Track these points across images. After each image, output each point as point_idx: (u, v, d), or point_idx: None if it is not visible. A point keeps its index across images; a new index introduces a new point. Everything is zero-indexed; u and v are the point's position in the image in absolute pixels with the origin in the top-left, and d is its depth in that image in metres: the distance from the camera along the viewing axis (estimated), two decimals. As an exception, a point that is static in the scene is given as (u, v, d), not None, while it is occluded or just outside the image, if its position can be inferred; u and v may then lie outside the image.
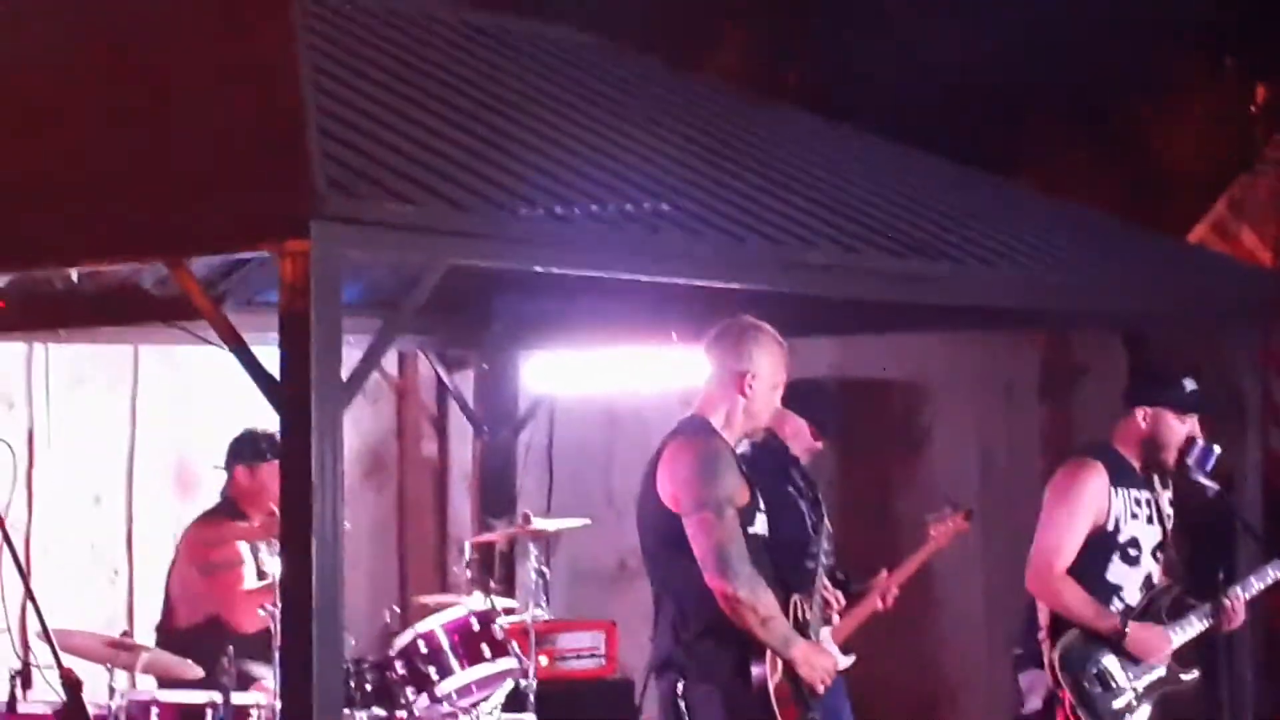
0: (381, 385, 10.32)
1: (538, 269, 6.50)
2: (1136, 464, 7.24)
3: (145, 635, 8.08)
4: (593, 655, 9.62)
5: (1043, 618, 7.16)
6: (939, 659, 10.10)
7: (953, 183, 8.75)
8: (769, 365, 6.34)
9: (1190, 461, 7.19)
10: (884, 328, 9.24)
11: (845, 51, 13.42)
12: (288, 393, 5.63)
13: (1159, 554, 7.26)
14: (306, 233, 5.48)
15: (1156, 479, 7.28)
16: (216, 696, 7.21)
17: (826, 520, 7.18)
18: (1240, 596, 7.24)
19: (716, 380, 6.37)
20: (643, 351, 9.40)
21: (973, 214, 8.08)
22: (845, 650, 7.36)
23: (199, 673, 7.40)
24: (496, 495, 10.20)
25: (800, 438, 7.79)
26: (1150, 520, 7.24)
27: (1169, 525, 7.31)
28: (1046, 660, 7.10)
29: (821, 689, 6.35)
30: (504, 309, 9.36)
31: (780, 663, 6.22)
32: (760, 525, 6.38)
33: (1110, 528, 7.16)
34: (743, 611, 6.11)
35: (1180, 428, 7.21)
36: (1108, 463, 7.20)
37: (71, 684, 5.11)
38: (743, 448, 6.48)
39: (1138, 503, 7.21)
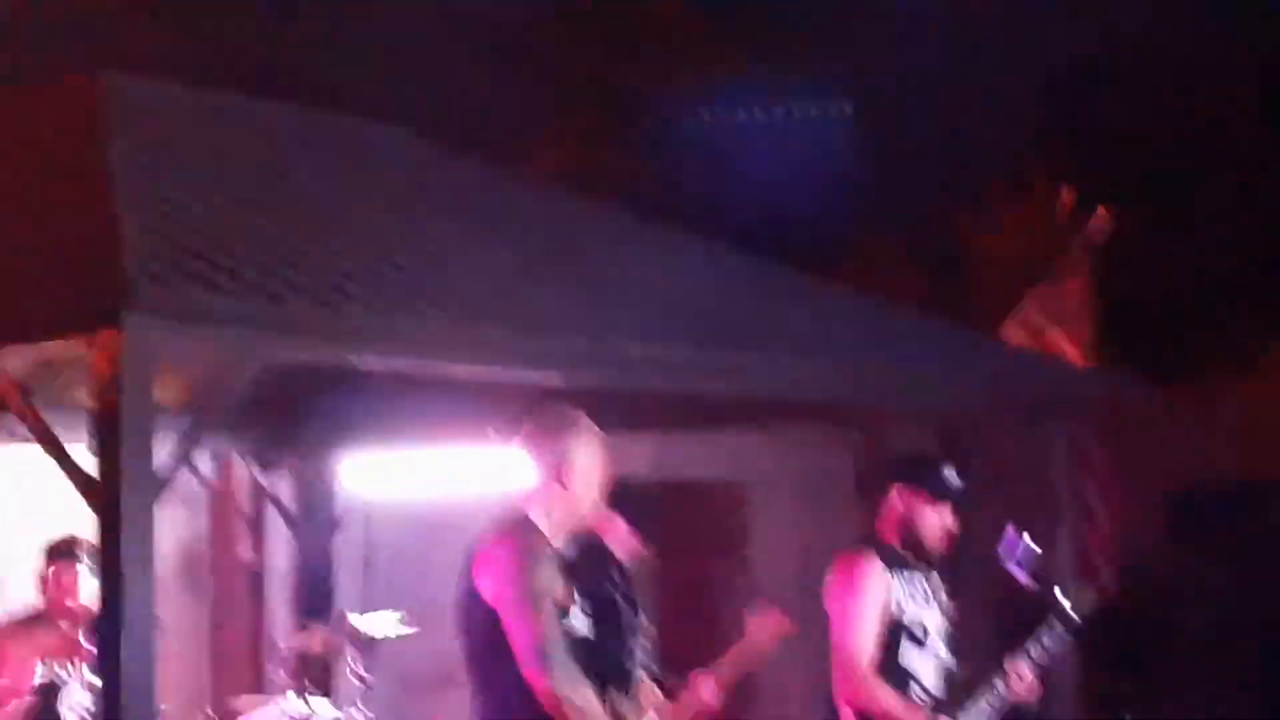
0: (197, 488, 10.17)
1: (355, 364, 6.44)
2: (900, 546, 7.25)
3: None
4: (411, 759, 9.52)
5: None
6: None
7: (767, 278, 8.83)
8: (585, 455, 6.28)
9: (1000, 550, 7.26)
10: (703, 425, 9.27)
11: (665, 149, 13.57)
12: (99, 487, 5.52)
13: (944, 635, 7.29)
14: (118, 323, 5.39)
15: (924, 562, 7.30)
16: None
17: (646, 620, 7.15)
18: (1020, 666, 7.27)
19: (533, 473, 6.32)
20: (461, 451, 9.35)
21: (786, 309, 8.15)
22: (664, 749, 7.32)
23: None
24: (313, 597, 10.08)
25: (623, 541, 7.78)
26: (927, 601, 7.26)
27: (946, 607, 7.33)
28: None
29: (641, 786, 6.31)
30: (320, 408, 9.27)
31: (601, 759, 6.17)
32: (580, 624, 6.33)
33: (894, 612, 7.16)
34: (563, 707, 6.05)
35: (931, 513, 7.22)
36: (876, 549, 7.22)
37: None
38: (566, 547, 6.42)
39: (911, 584, 7.23)
